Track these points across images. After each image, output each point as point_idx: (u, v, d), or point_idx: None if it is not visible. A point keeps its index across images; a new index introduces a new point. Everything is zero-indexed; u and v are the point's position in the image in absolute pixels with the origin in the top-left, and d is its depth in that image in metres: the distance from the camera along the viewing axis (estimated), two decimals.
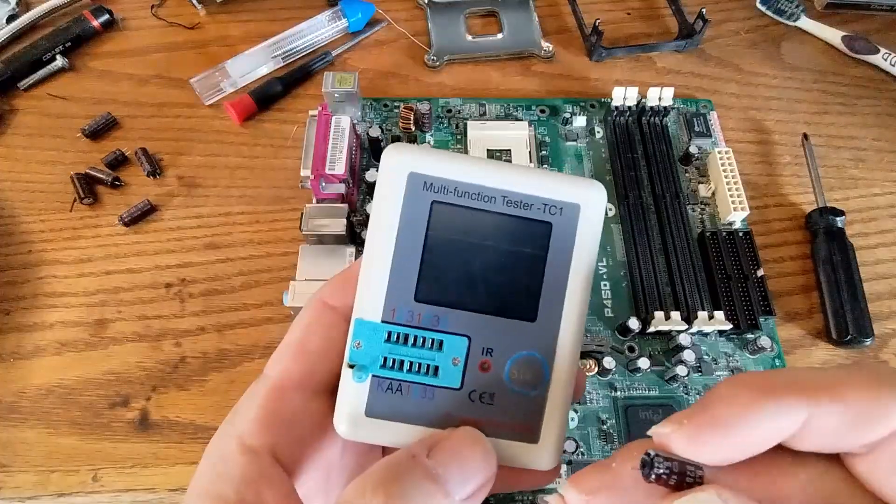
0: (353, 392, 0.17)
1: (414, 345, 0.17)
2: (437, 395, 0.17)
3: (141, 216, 0.40)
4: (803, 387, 0.13)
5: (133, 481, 0.33)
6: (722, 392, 0.14)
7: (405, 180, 0.17)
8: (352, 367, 0.17)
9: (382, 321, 0.17)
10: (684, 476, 0.14)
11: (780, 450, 0.14)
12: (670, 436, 0.14)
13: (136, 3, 0.50)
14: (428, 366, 0.17)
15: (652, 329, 0.36)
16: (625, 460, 0.15)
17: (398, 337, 0.17)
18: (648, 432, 0.15)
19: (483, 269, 0.18)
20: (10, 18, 0.48)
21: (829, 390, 0.13)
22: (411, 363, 0.17)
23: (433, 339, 0.17)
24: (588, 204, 0.18)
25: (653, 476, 0.14)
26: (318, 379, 0.18)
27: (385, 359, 0.17)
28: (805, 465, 0.14)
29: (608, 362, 0.35)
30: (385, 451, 0.20)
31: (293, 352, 0.18)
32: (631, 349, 0.37)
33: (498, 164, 0.18)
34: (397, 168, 0.18)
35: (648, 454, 0.14)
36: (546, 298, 0.18)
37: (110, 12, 0.48)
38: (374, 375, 0.17)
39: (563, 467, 0.33)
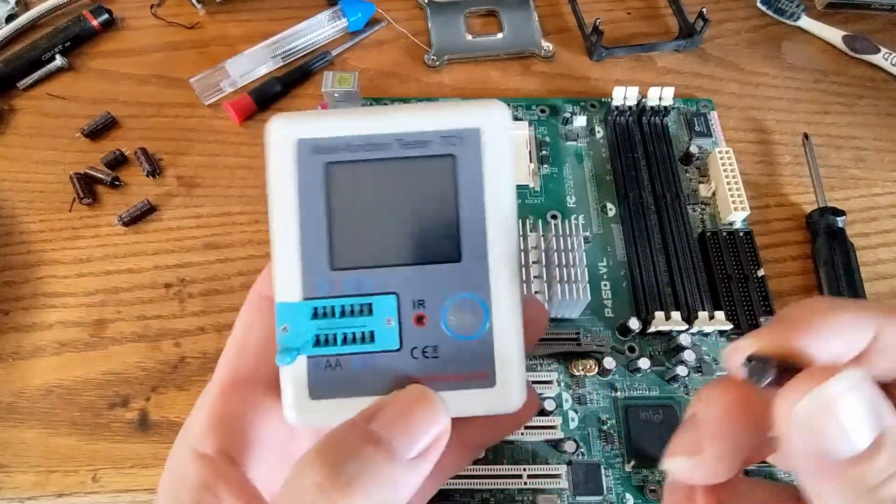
0: (292, 378, 0.17)
1: (342, 315, 0.17)
2: (377, 360, 0.17)
3: (140, 216, 0.40)
4: (874, 307, 0.14)
5: (133, 482, 0.33)
6: (794, 308, 0.15)
7: (294, 148, 0.17)
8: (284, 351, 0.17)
9: (304, 298, 0.17)
10: (791, 370, 0.14)
11: None
12: (748, 345, 0.14)
13: (135, 2, 0.50)
14: (362, 333, 0.17)
15: (652, 329, 0.36)
16: (709, 420, 0.15)
17: (324, 311, 0.17)
18: (723, 349, 0.16)
19: (394, 220, 0.17)
20: (10, 18, 0.48)
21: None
22: (345, 335, 0.17)
23: (361, 305, 0.17)
24: (489, 126, 0.17)
25: (766, 378, 0.14)
26: (265, 373, 0.18)
27: (317, 337, 0.17)
28: None
29: (608, 362, 0.35)
30: None
31: (235, 350, 0.18)
32: (631, 349, 0.36)
33: (385, 108, 0.18)
34: (284, 138, 0.17)
35: (749, 359, 0.14)
36: (467, 235, 0.17)
37: (110, 12, 0.48)
38: (308, 356, 0.17)
39: (563, 467, 0.33)
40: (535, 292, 0.34)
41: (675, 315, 0.36)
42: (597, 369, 0.35)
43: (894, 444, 0.12)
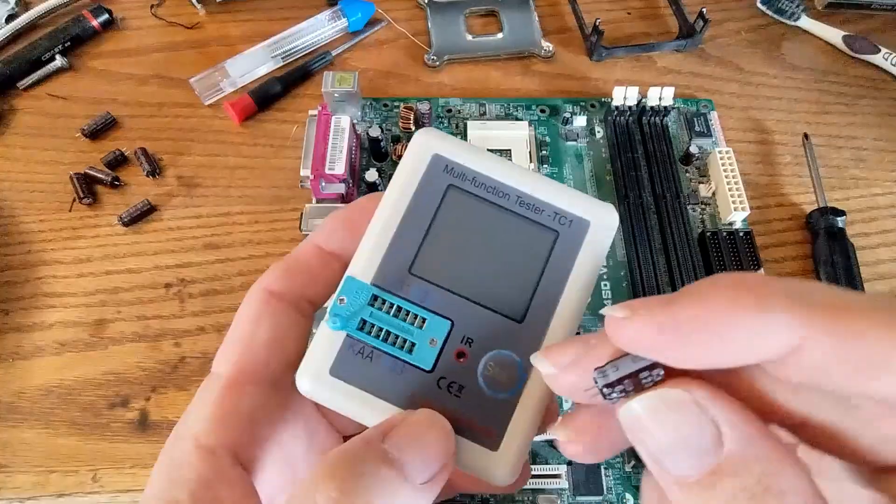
0: (322, 347, 0.17)
1: (396, 315, 0.17)
2: (405, 371, 0.17)
3: (140, 216, 0.40)
4: (808, 304, 0.11)
5: (132, 482, 0.33)
6: (700, 287, 0.12)
7: (428, 159, 0.18)
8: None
9: (372, 283, 0.17)
10: (639, 381, 0.13)
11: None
12: (623, 322, 0.13)
13: (135, 2, 0.50)
14: (405, 340, 0.17)
15: None
16: (604, 344, 0.14)
17: (383, 303, 0.17)
18: (601, 311, 0.13)
19: (481, 259, 0.18)
20: (10, 18, 0.48)
21: (841, 317, 0.11)
22: (388, 333, 0.17)
23: (416, 315, 0.17)
24: (599, 224, 0.18)
25: (612, 395, 0.13)
26: (273, 370, 0.17)
27: (364, 322, 0.17)
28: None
29: None
30: None
31: (243, 345, 0.17)
32: None
33: (520, 167, 0.19)
34: (424, 147, 0.18)
35: (602, 373, 0.13)
36: (538, 303, 0.17)
37: (110, 12, 0.48)
38: (348, 335, 0.17)
39: (563, 468, 0.33)
40: None
41: None
42: None
43: (732, 475, 0.11)
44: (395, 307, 0.17)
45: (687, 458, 0.12)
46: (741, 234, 0.39)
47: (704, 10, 0.47)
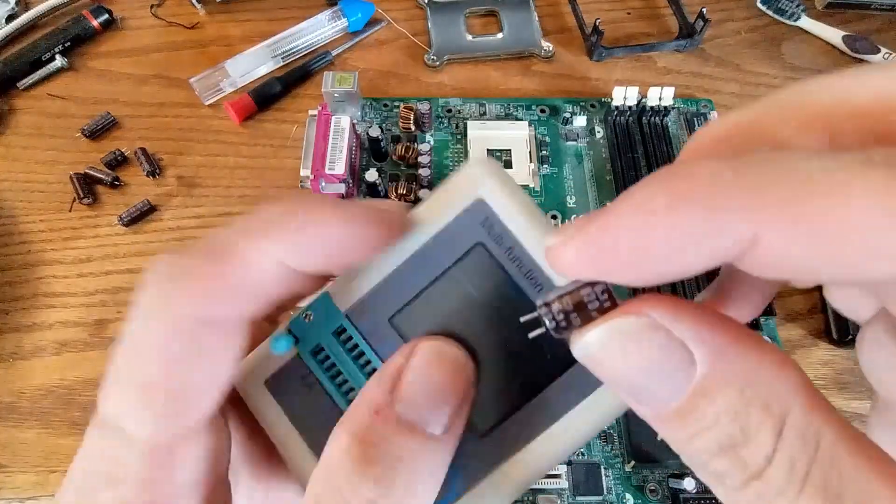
0: (269, 355, 0.15)
1: (355, 357, 0.15)
2: (332, 412, 0.15)
3: (140, 216, 0.40)
4: (755, 187, 0.09)
5: None
6: (634, 195, 0.10)
7: (471, 200, 0.14)
8: (288, 331, 0.15)
9: (345, 312, 0.15)
10: (584, 310, 0.12)
11: None
12: (557, 250, 0.11)
13: (135, 2, 0.50)
14: (346, 382, 0.15)
15: None
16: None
17: (347, 339, 0.15)
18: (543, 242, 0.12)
19: (477, 343, 0.14)
20: (10, 18, 0.48)
21: (802, 194, 0.09)
22: (339, 371, 0.15)
23: (369, 361, 0.15)
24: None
25: (555, 328, 0.12)
26: (210, 411, 0.13)
27: (320, 348, 0.15)
28: None
29: None
30: None
31: (168, 394, 0.12)
32: None
33: None
34: (473, 183, 0.14)
35: (541, 306, 0.12)
36: (511, 428, 0.14)
37: (110, 12, 0.48)
38: (298, 354, 0.15)
39: (563, 468, 0.33)
40: None
41: None
42: None
43: (709, 398, 0.10)
44: (357, 349, 0.15)
45: (660, 389, 0.11)
46: None
47: (704, 10, 0.47)
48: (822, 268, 0.09)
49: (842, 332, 0.37)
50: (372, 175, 0.39)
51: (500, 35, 0.49)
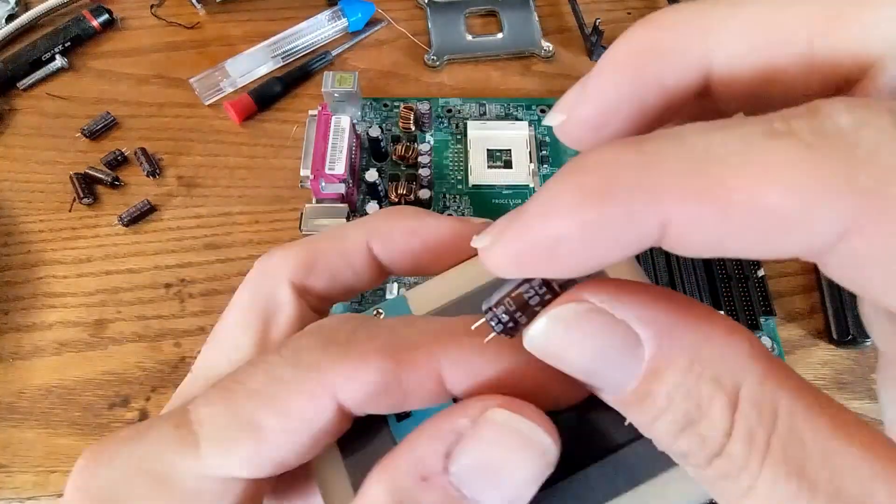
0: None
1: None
2: (382, 445, 0.14)
3: (140, 216, 0.40)
4: (663, 184, 0.09)
5: None
6: (543, 195, 0.10)
7: None
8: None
9: None
10: (527, 307, 0.11)
11: None
12: (487, 253, 0.11)
13: (135, 2, 0.50)
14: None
15: None
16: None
17: None
18: (472, 243, 0.11)
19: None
20: (10, 18, 0.48)
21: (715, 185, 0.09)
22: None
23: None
24: None
25: (503, 331, 0.11)
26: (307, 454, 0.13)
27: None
28: None
29: None
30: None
31: (283, 430, 0.13)
32: None
33: None
34: None
35: (486, 311, 0.11)
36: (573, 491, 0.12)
37: (110, 12, 0.48)
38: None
39: None
40: None
41: None
42: None
43: (659, 378, 0.10)
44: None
45: (614, 374, 0.10)
46: None
47: None
48: (735, 248, 0.09)
49: (842, 332, 0.37)
50: (372, 175, 0.39)
51: (500, 35, 0.49)
